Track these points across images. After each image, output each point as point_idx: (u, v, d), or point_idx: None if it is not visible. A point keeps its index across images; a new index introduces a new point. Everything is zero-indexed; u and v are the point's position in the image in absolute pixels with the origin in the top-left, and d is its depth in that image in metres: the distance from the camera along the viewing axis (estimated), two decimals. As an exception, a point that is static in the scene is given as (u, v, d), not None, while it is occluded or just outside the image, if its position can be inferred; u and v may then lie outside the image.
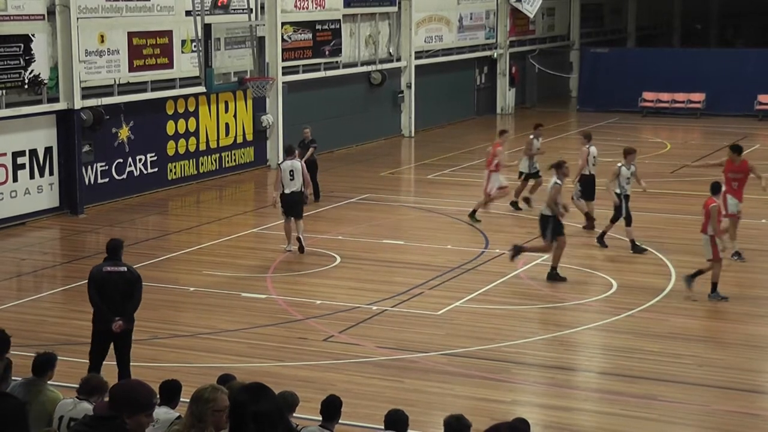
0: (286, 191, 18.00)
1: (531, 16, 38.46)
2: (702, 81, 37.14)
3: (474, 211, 20.65)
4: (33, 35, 20.72)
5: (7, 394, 7.30)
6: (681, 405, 11.67)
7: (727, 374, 12.66)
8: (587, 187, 19.71)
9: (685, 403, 11.70)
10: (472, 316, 14.76)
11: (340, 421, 8.48)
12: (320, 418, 8.53)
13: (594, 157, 19.85)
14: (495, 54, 37.60)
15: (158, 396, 8.03)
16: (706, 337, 14.12)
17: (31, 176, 20.98)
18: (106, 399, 5.79)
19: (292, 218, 18.08)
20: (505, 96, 38.44)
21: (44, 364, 8.46)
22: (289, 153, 18.58)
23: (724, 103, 36.56)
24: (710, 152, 29.21)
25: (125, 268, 11.34)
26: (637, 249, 18.12)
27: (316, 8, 28.84)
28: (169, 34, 23.98)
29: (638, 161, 22.09)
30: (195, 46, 22.55)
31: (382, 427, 8.53)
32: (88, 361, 11.41)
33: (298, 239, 18.08)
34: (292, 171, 18.02)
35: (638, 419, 11.29)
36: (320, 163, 23.00)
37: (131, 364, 11.43)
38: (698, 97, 37.26)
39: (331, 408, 8.39)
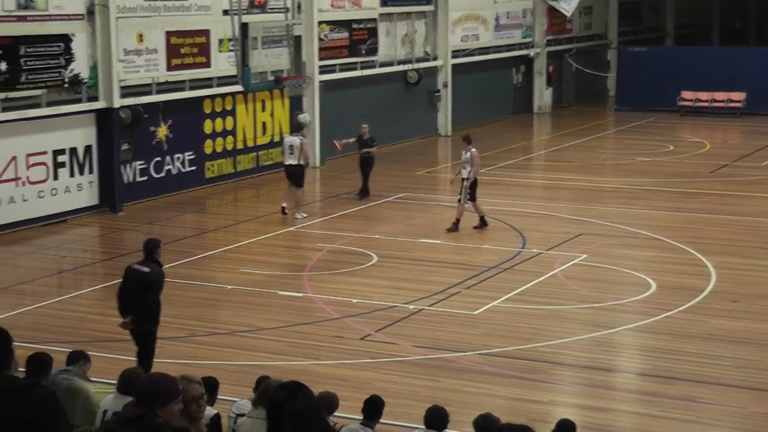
0: (285, 163, 20.69)
1: (568, 14, 38.24)
2: (742, 79, 36.67)
3: None
4: (73, 35, 20.92)
5: (37, 384, 7.36)
6: (719, 407, 11.58)
7: (766, 376, 12.55)
8: (474, 189, 19.79)
9: (723, 405, 11.62)
10: (509, 316, 14.73)
11: (376, 420, 8.49)
12: (355, 417, 8.55)
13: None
14: (532, 53, 37.45)
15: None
16: (745, 339, 13.98)
17: (71, 174, 21.19)
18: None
19: (292, 186, 20.56)
20: (542, 95, 38.26)
21: (76, 355, 8.70)
22: (295, 130, 21.37)
23: (765, 102, 36.16)
24: (751, 152, 28.99)
25: (147, 269, 11.22)
26: None
27: (352, 7, 28.88)
28: (206, 33, 24.11)
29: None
30: (232, 45, 22.66)
31: (418, 426, 8.54)
32: (127, 357, 11.53)
33: (285, 207, 20.57)
34: (291, 146, 20.49)
35: (676, 421, 11.22)
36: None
37: (171, 361, 11.49)
38: (738, 96, 36.79)
39: (373, 408, 8.43)
